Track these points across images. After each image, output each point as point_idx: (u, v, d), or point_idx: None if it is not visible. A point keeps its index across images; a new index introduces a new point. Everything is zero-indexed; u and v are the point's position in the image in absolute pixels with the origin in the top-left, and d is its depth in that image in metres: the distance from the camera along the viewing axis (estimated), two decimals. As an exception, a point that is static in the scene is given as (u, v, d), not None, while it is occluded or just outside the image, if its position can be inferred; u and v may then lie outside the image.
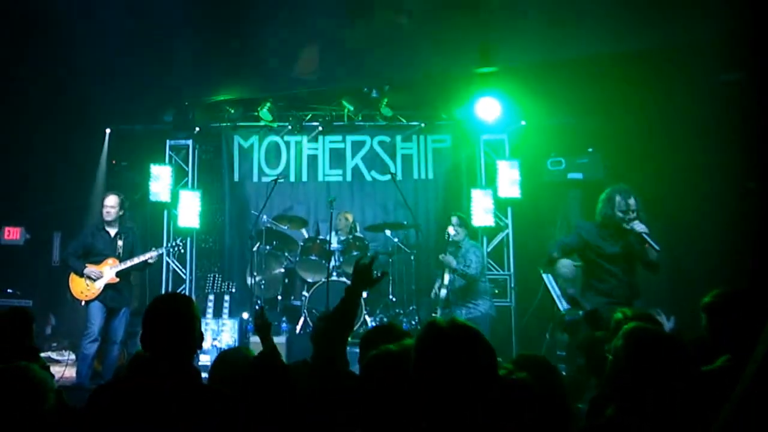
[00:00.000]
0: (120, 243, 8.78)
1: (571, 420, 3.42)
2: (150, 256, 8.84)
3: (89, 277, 8.48)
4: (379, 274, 4.26)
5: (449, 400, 2.42)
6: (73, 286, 8.58)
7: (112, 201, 8.74)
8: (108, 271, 8.58)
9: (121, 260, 8.71)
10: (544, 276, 6.88)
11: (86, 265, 8.54)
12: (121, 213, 8.90)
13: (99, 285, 8.51)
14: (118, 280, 8.63)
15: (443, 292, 8.53)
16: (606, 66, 9.62)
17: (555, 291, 8.05)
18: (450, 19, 9.27)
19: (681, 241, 9.64)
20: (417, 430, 2.52)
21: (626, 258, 6.78)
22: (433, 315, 9.00)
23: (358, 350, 8.22)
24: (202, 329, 8.67)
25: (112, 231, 8.80)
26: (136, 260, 8.74)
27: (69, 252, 8.79)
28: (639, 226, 6.50)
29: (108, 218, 8.73)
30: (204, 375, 8.36)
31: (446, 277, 8.54)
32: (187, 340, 3.20)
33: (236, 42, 9.76)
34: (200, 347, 3.33)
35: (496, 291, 10.07)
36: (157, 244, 9.94)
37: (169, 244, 9.51)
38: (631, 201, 6.59)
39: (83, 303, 8.56)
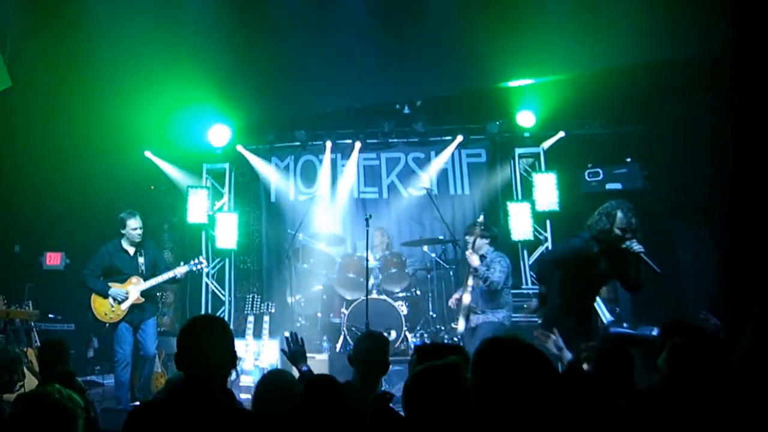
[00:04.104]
0: (141, 260, 8.63)
1: None
2: (177, 272, 8.70)
3: (115, 299, 8.34)
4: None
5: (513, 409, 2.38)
6: (96, 308, 8.37)
7: (138, 222, 8.58)
8: (133, 291, 8.40)
9: (145, 277, 8.55)
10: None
11: (110, 285, 8.38)
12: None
13: (124, 307, 8.34)
14: (143, 300, 8.47)
15: (467, 299, 8.31)
16: (642, 74, 9.52)
17: (597, 303, 7.92)
18: (482, 33, 9.26)
19: (724, 249, 9.49)
20: None
21: (608, 278, 6.64)
22: (453, 326, 8.89)
23: (399, 368, 8.23)
24: (243, 350, 8.64)
25: (132, 249, 8.64)
26: (160, 278, 8.59)
27: (88, 272, 8.53)
28: (637, 246, 6.29)
29: (137, 240, 8.59)
30: (245, 396, 8.38)
31: (470, 282, 8.33)
32: (221, 362, 3.18)
33: (269, 62, 9.84)
34: (234, 367, 3.30)
35: (525, 306, 9.86)
36: (183, 262, 9.63)
37: (194, 261, 9.04)
38: (634, 220, 6.32)
39: (107, 325, 8.41)
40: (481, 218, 8.67)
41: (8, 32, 9.50)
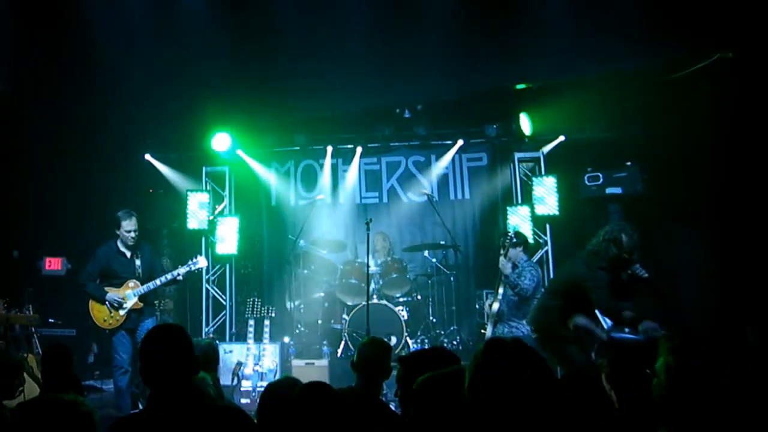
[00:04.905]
0: (138, 262, 8.41)
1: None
2: (175, 274, 8.46)
3: (111, 305, 8.19)
4: None
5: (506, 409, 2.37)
6: (95, 314, 8.24)
7: (133, 224, 8.27)
8: (131, 296, 8.22)
9: (141, 280, 8.34)
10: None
11: (107, 290, 8.21)
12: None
13: (122, 312, 8.19)
14: (142, 305, 8.29)
15: (495, 306, 8.26)
16: (642, 78, 9.52)
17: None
18: (483, 37, 9.26)
19: (724, 256, 9.48)
20: None
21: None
22: (482, 331, 8.81)
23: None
24: (244, 354, 8.60)
25: (128, 252, 8.39)
26: (158, 281, 8.37)
27: (86, 277, 8.37)
28: (641, 271, 6.29)
29: (132, 243, 8.31)
30: (245, 401, 8.36)
31: (500, 291, 8.29)
32: (179, 368, 3.20)
33: (270, 68, 9.84)
34: (196, 372, 3.33)
35: None
36: (180, 264, 8.98)
37: (191, 261, 8.69)
38: (636, 238, 6.28)
39: (107, 332, 8.27)
40: (510, 230, 8.64)
41: (8, 37, 9.49)
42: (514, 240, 8.30)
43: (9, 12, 9.36)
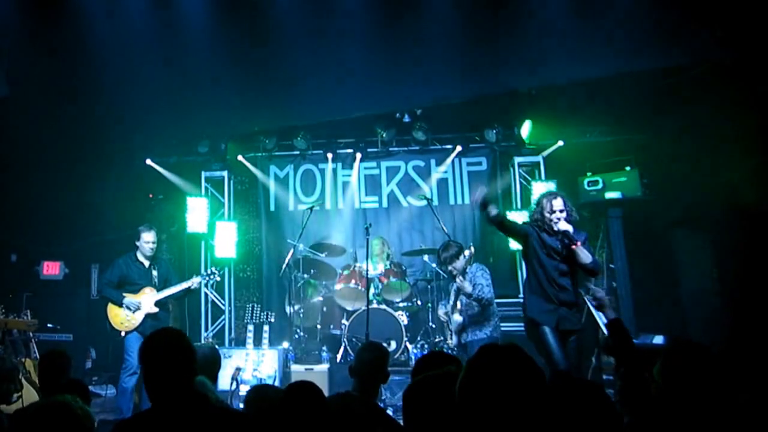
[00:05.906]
0: (155, 273, 8.72)
1: None
2: (191, 283, 8.78)
3: (128, 308, 8.40)
4: None
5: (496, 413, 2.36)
6: (112, 317, 8.44)
7: (152, 236, 8.68)
8: (146, 300, 8.49)
9: (158, 289, 8.63)
10: (587, 297, 6.65)
11: (124, 295, 8.45)
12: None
13: (139, 316, 8.42)
14: (157, 310, 8.54)
15: (458, 318, 8.22)
16: (642, 81, 9.51)
17: (597, 312, 7.88)
18: (483, 41, 9.26)
19: (725, 259, 9.48)
20: None
21: (566, 263, 6.65)
22: (449, 342, 8.75)
23: (399, 378, 8.19)
24: (243, 359, 8.56)
25: (146, 262, 8.73)
26: (174, 289, 8.68)
27: (104, 282, 8.70)
28: (562, 225, 6.44)
29: (150, 253, 8.69)
30: (241, 405, 8.32)
31: (458, 304, 8.22)
32: (180, 371, 3.21)
33: (269, 72, 9.83)
34: (195, 374, 3.33)
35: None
36: (195, 274, 9.43)
37: (206, 273, 9.25)
38: (556, 201, 6.56)
39: (123, 334, 8.43)
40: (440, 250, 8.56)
41: (7, 40, 9.48)
42: (449, 253, 8.17)
43: (12, 17, 9.37)
